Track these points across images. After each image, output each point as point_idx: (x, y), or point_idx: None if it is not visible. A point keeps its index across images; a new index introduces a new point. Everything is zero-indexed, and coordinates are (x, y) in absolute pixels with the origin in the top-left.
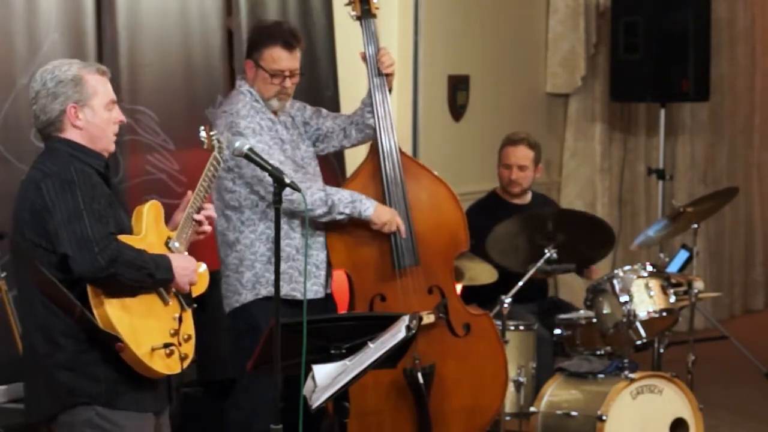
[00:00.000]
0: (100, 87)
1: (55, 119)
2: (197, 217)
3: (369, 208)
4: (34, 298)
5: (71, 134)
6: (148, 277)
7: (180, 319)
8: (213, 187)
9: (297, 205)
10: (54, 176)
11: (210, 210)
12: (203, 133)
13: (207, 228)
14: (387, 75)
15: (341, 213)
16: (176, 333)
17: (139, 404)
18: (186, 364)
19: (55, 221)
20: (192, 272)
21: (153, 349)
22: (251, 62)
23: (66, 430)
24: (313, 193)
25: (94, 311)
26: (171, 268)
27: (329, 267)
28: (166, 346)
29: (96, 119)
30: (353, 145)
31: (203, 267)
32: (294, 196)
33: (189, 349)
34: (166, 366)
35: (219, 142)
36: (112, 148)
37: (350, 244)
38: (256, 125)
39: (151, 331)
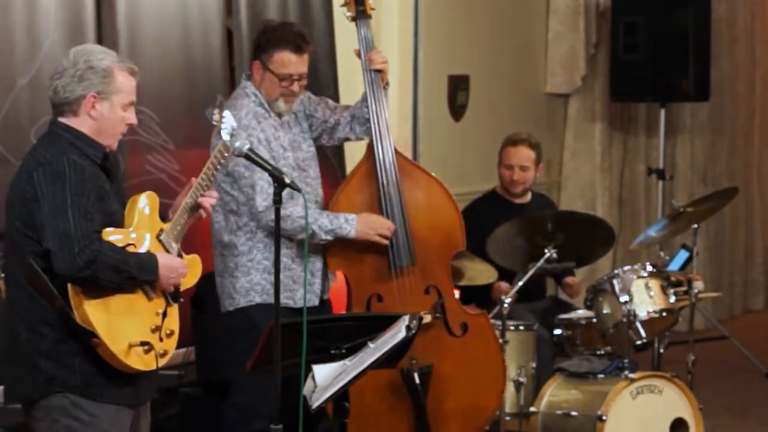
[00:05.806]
0: (126, 86)
1: (73, 101)
2: (199, 200)
3: (350, 231)
4: (22, 285)
5: (81, 121)
6: (129, 279)
7: (164, 314)
8: (216, 176)
9: (289, 223)
10: (46, 166)
11: (212, 198)
12: (216, 116)
13: (203, 213)
14: (379, 71)
15: (323, 240)
16: (158, 329)
17: (115, 397)
18: (165, 360)
19: (42, 213)
20: (178, 275)
21: (130, 346)
22: (259, 64)
23: (43, 414)
24: (294, 221)
25: (73, 306)
26: (156, 269)
27: (326, 275)
28: (144, 344)
29: (111, 115)
30: (359, 139)
31: (195, 258)
32: (288, 211)
33: (170, 344)
34: (143, 363)
35: (234, 128)
36: (115, 146)
37: (346, 244)
38: (254, 139)
39: (129, 328)
